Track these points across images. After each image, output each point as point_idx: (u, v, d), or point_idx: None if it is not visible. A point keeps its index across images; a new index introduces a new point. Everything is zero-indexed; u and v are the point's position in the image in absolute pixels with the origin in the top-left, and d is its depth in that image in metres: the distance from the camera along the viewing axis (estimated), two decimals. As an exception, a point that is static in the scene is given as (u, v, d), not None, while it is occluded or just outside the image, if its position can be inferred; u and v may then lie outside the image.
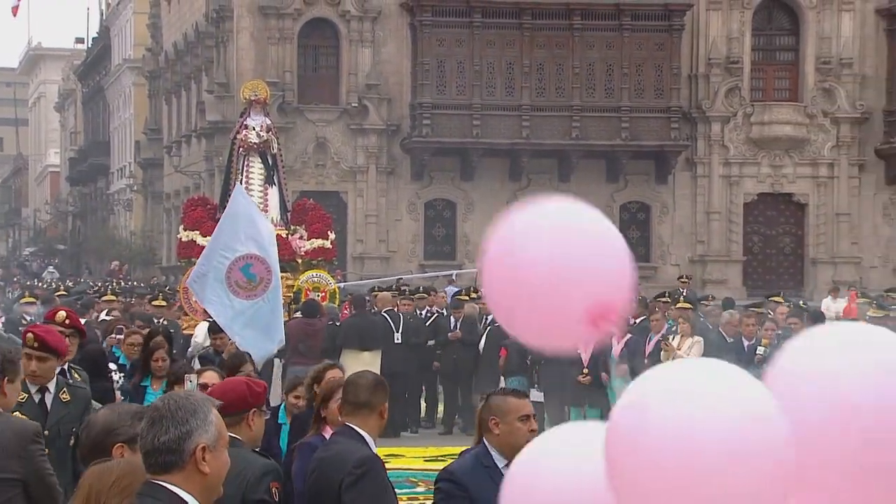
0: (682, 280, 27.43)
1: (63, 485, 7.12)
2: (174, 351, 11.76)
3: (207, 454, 3.60)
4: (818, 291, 32.81)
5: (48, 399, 7.30)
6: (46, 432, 7.18)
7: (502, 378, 16.97)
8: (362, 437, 5.91)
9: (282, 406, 8.68)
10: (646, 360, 17.19)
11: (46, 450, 6.27)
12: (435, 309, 19.91)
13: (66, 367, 8.03)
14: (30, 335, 7.23)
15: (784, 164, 36.67)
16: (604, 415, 17.05)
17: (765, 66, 37.25)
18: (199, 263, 11.45)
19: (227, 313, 10.96)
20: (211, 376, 7.91)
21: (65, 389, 7.39)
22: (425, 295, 20.50)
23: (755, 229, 37.12)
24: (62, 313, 8.63)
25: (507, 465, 5.86)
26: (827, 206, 36.77)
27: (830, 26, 36.54)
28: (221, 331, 11.86)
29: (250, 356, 9.31)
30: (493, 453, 5.87)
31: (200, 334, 15.12)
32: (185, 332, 17.37)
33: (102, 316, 17.34)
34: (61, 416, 7.26)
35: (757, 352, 14.99)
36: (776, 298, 20.52)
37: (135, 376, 10.28)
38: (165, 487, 3.59)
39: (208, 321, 13.34)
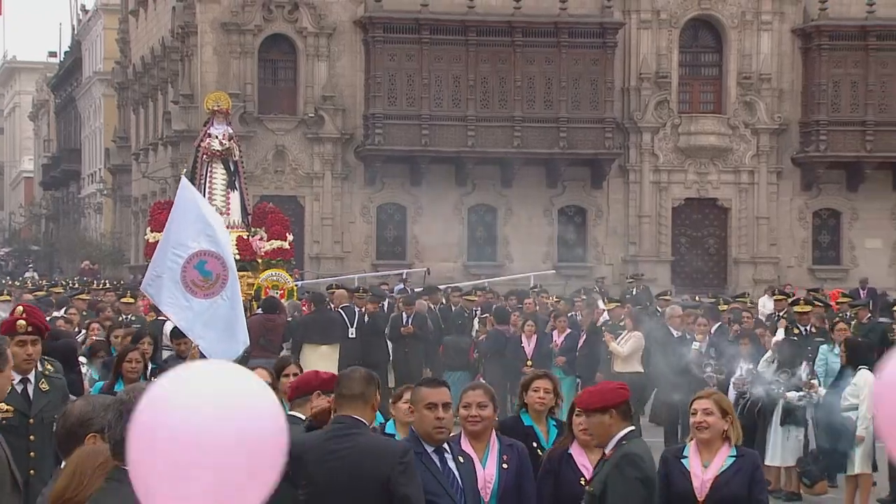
0: (630, 279, 27.37)
1: (47, 470, 6.98)
2: (159, 350, 11.38)
3: None
4: (740, 289, 32.97)
5: (30, 389, 7.20)
6: (31, 420, 7.08)
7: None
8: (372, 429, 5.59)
9: None
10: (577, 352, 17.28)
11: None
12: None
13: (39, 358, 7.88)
14: (21, 322, 7.01)
15: (709, 171, 36.89)
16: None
17: (691, 81, 37.45)
18: (152, 266, 9.96)
19: (186, 315, 9.57)
20: (262, 374, 7.42)
21: (43, 380, 7.29)
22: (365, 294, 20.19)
23: (682, 231, 37.31)
24: None
25: (435, 451, 5.82)
26: (748, 211, 37.02)
27: (751, 44, 36.80)
28: (183, 335, 10.62)
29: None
30: (421, 439, 5.83)
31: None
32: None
33: (59, 313, 16.59)
34: (44, 404, 7.15)
35: (693, 346, 14.95)
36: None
37: (110, 378, 9.75)
38: None
39: (164, 319, 12.60)
